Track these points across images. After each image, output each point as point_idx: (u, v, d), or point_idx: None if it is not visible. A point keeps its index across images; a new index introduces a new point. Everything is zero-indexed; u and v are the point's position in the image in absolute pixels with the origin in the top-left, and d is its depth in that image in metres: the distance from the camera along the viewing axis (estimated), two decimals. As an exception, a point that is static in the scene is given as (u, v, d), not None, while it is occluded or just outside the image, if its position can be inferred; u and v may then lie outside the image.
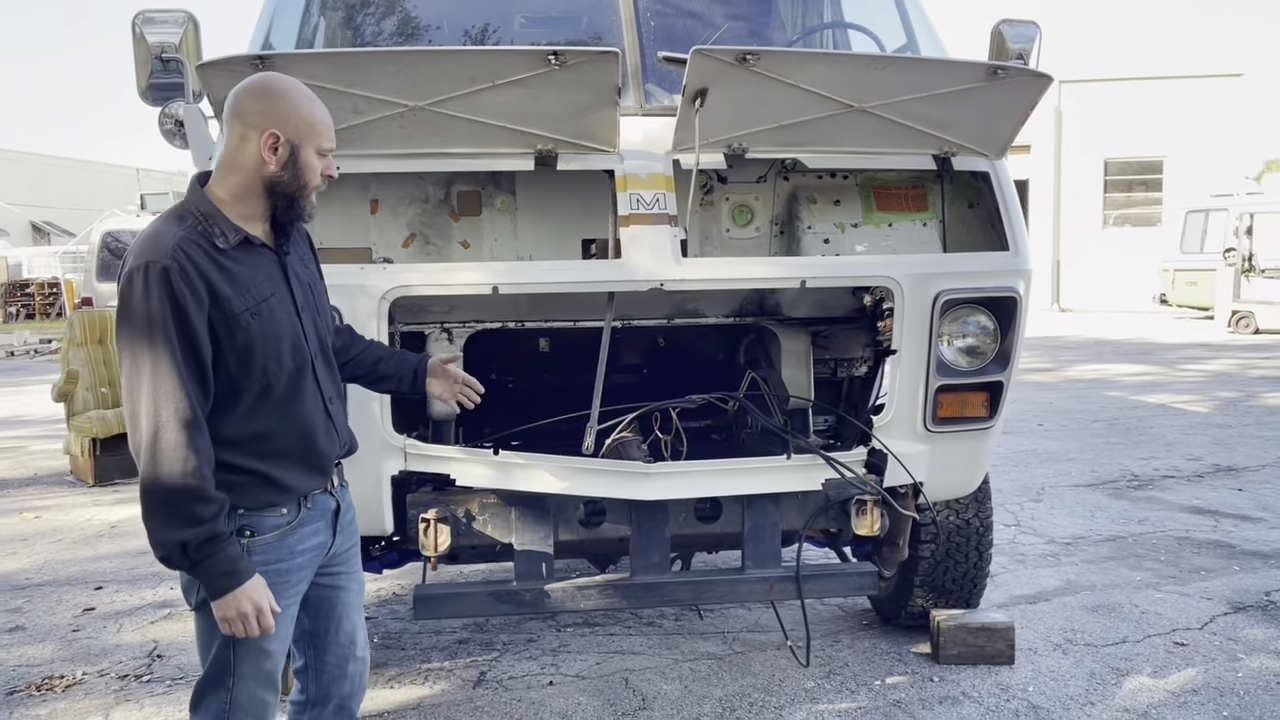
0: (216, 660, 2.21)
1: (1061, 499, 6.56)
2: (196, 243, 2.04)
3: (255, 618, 2.07)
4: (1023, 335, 3.38)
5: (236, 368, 2.08)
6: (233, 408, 2.10)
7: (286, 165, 2.09)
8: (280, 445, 2.17)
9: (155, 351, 1.97)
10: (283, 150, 2.09)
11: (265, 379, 2.12)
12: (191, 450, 1.98)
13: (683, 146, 3.05)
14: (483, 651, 4.14)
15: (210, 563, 2.02)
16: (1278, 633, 4.20)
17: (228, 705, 2.22)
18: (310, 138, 2.11)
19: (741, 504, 3.26)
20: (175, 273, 1.97)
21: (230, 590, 2.04)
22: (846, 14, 4.50)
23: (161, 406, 1.98)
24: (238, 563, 2.05)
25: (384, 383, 2.65)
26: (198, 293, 2.00)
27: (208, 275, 2.02)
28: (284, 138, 2.08)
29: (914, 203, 3.54)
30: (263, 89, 2.11)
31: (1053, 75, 3.06)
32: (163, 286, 1.96)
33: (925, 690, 3.71)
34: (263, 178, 2.10)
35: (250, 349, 2.08)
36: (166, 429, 1.97)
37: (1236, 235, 18.62)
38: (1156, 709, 3.55)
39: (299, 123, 2.10)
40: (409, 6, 4.13)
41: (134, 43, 3.41)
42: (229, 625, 2.07)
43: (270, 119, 2.07)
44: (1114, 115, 24.62)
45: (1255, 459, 7.67)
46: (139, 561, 5.52)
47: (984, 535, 3.94)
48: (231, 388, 2.09)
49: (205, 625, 2.19)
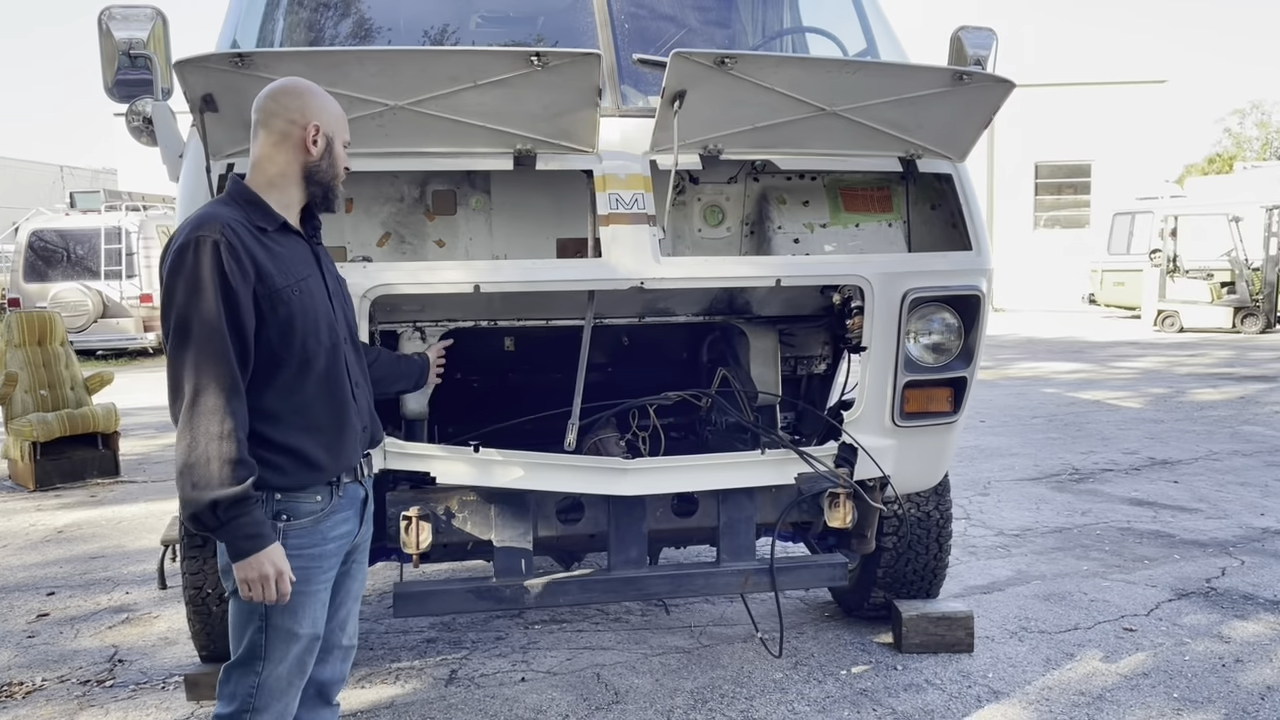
0: (250, 644, 2.30)
1: (1008, 493, 6.75)
2: (243, 223, 2.22)
3: (274, 581, 2.16)
4: (985, 332, 3.49)
5: (278, 340, 2.21)
6: (273, 380, 2.22)
7: (324, 155, 2.31)
8: (316, 420, 2.28)
9: (202, 319, 2.10)
10: (321, 141, 2.29)
11: (305, 352, 2.25)
12: (229, 414, 2.09)
13: (661, 147, 3.10)
14: (452, 650, 4.15)
15: (237, 524, 2.11)
16: (1220, 618, 4.38)
17: (255, 688, 2.30)
18: (340, 130, 2.36)
19: (717, 499, 3.32)
20: (224, 246, 2.12)
21: (254, 552, 2.13)
22: (806, 18, 4.59)
23: (204, 371, 2.09)
24: (262, 527, 2.15)
25: (396, 384, 2.90)
26: (244, 267, 2.14)
27: (253, 252, 2.17)
28: (323, 130, 2.29)
29: (879, 204, 3.63)
30: (300, 88, 2.31)
31: (1015, 81, 3.16)
32: (213, 258, 2.11)
33: (890, 678, 3.81)
34: (303, 166, 2.29)
35: (291, 322, 2.22)
36: (207, 392, 2.08)
37: (1161, 237, 19.23)
38: (1110, 692, 3.68)
39: (332, 117, 2.33)
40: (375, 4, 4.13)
41: (100, 38, 3.37)
42: (249, 587, 2.15)
43: (311, 114, 2.28)
44: (1045, 120, 25.23)
45: (1188, 452, 7.96)
46: (90, 566, 5.42)
47: (944, 527, 4.05)
48: (273, 360, 2.21)
49: (240, 609, 2.30)
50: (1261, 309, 18.16)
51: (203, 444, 2.07)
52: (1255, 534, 5.66)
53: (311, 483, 2.29)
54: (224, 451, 2.07)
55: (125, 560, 5.53)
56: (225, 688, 2.34)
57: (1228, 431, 8.80)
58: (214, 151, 2.92)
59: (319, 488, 2.31)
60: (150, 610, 4.71)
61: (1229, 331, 18.24)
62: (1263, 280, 18.18)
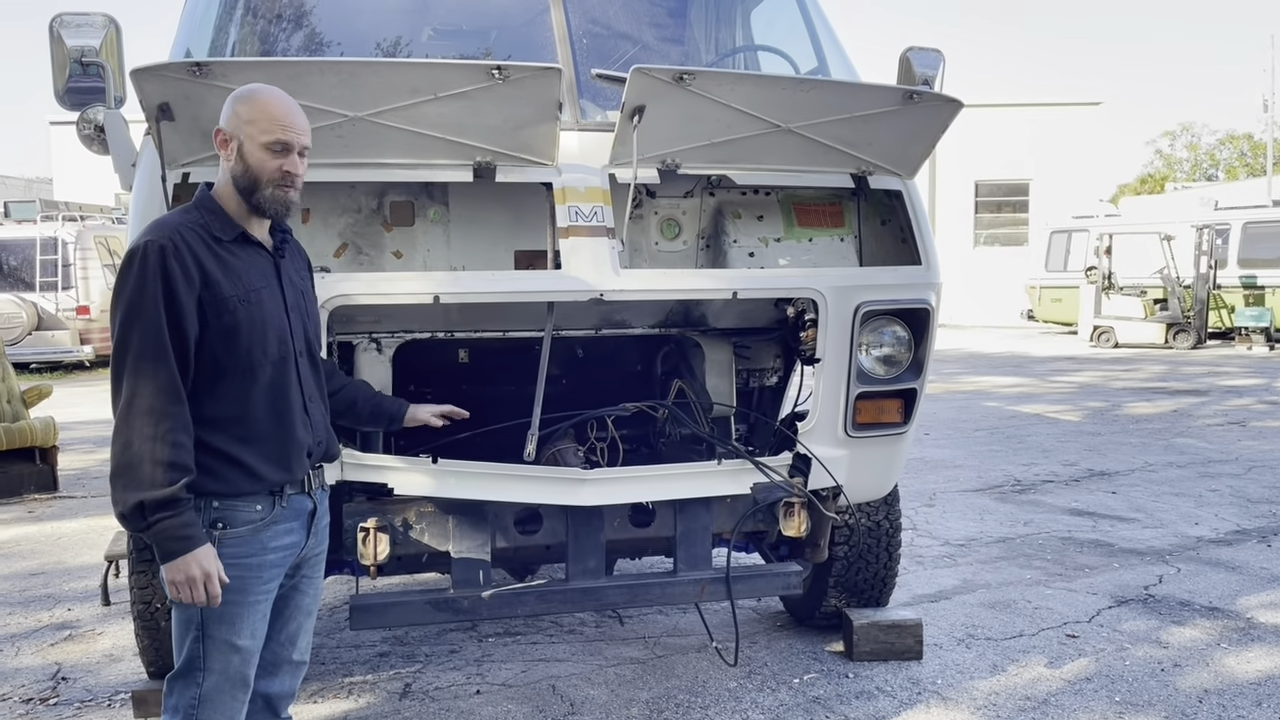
0: (188, 655, 2.28)
1: (952, 503, 6.87)
2: (196, 231, 2.21)
3: (203, 584, 2.14)
4: (934, 345, 3.57)
5: (222, 349, 2.20)
6: (215, 387, 2.22)
7: (238, 159, 2.24)
8: (257, 430, 2.27)
9: (144, 322, 2.11)
10: (233, 146, 2.24)
11: (249, 362, 2.24)
12: (165, 415, 2.10)
13: (620, 161, 3.14)
14: (405, 664, 4.12)
15: (164, 525, 2.10)
16: (1159, 624, 4.51)
17: (197, 700, 2.28)
18: (250, 133, 2.22)
19: (674, 508, 3.36)
20: (170, 251, 2.13)
21: (181, 554, 2.12)
22: (758, 37, 4.66)
23: (142, 374, 2.10)
24: (191, 529, 2.14)
25: (358, 422, 2.90)
26: (189, 272, 2.15)
27: (201, 259, 2.18)
28: (225, 132, 2.25)
29: (831, 219, 3.71)
30: (233, 95, 2.28)
31: (963, 101, 3.25)
32: (158, 262, 2.12)
33: (842, 686, 3.86)
34: (230, 174, 2.26)
35: (236, 332, 2.21)
36: (143, 393, 2.09)
37: (1097, 255, 19.74)
38: (1055, 697, 3.77)
39: (241, 119, 2.23)
40: (327, 15, 4.12)
41: (51, 45, 3.33)
42: (177, 590, 2.14)
43: (224, 119, 2.26)
44: (984, 139, 25.78)
45: (1125, 464, 8.17)
46: (30, 583, 5.30)
47: (893, 536, 4.13)
48: (216, 367, 2.21)
49: (180, 619, 2.28)
50: (1193, 325, 18.71)
51: (136, 445, 2.08)
52: (1190, 543, 5.83)
53: (250, 491, 2.27)
54: (155, 453, 2.07)
55: (66, 577, 5.41)
56: (169, 700, 2.33)
57: (1162, 444, 9.05)
58: (169, 160, 2.90)
59: (259, 497, 2.29)
60: (94, 627, 4.61)
61: (1162, 347, 18.75)
62: (1194, 297, 18.74)
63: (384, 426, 3.02)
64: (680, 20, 4.34)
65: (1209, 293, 18.77)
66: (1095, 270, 19.73)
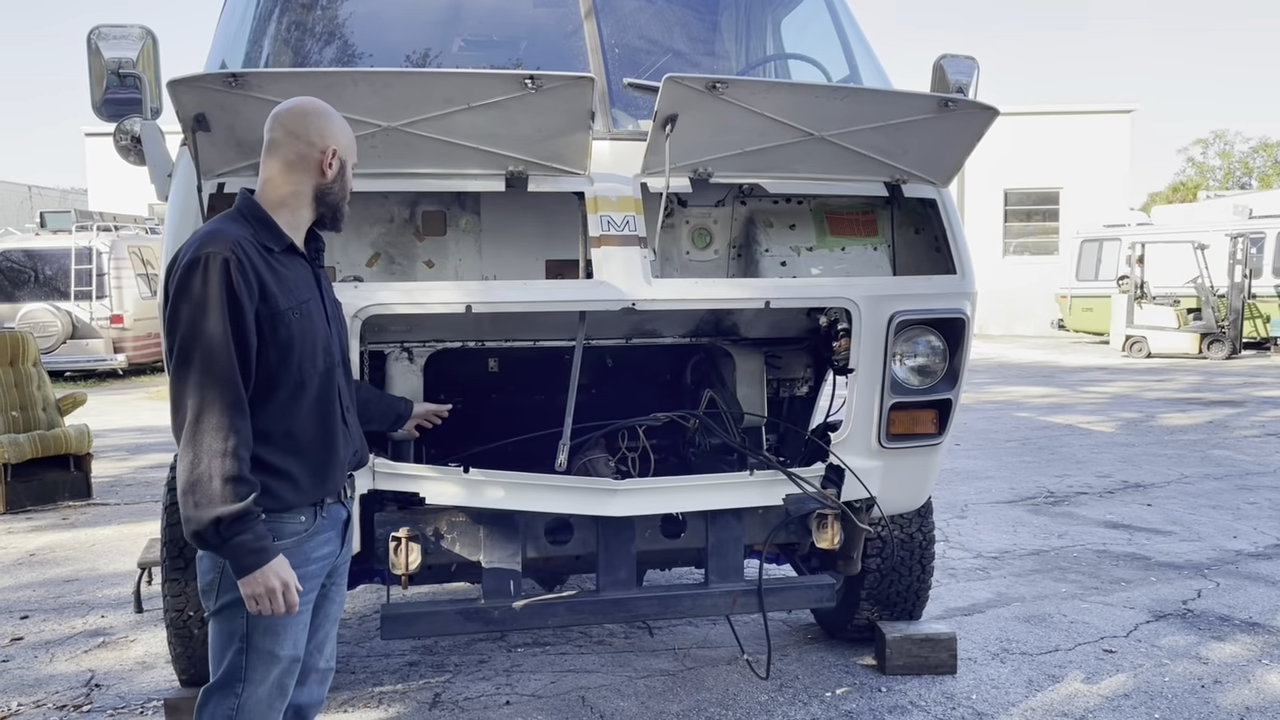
0: (229, 666, 2.27)
1: (985, 515, 6.80)
2: (251, 241, 2.19)
3: (281, 593, 2.14)
4: (969, 355, 3.53)
5: (276, 362, 2.20)
6: (268, 402, 2.21)
7: (338, 178, 2.32)
8: (305, 443, 2.27)
9: (209, 335, 2.09)
10: (336, 164, 2.31)
11: (300, 376, 2.24)
12: (232, 431, 2.09)
13: (652, 170, 3.13)
14: (435, 674, 4.12)
15: (240, 540, 2.09)
16: (1198, 639, 4.43)
17: (235, 710, 2.27)
18: (352, 154, 2.35)
19: (705, 519, 3.33)
20: (233, 264, 2.12)
21: (258, 567, 2.12)
22: (789, 45, 4.65)
23: (208, 387, 2.08)
24: (264, 541, 2.14)
25: (369, 423, 2.86)
26: (250, 285, 2.14)
27: (259, 271, 2.17)
28: (339, 153, 2.28)
29: (865, 227, 3.68)
30: (319, 110, 2.31)
31: (998, 109, 3.22)
32: (221, 275, 2.11)
33: (875, 700, 3.82)
34: (316, 188, 2.30)
35: (290, 345, 2.21)
36: (211, 409, 2.08)
37: (1129, 264, 19.51)
38: (1092, 713, 3.71)
39: (348, 140, 2.35)
40: (359, 28, 4.14)
41: (89, 57, 3.36)
42: (256, 602, 2.13)
43: (329, 137, 2.29)
44: (1014, 147, 25.59)
45: (1160, 476, 8.05)
46: (64, 590, 5.34)
47: (926, 549, 4.08)
48: (270, 381, 2.20)
49: (221, 630, 2.27)
50: (1227, 335, 18.45)
51: (205, 461, 2.06)
52: (1229, 556, 5.73)
53: (296, 504, 2.28)
54: (226, 469, 2.06)
55: (100, 584, 5.45)
56: (204, 711, 2.32)
57: (1198, 455, 8.92)
58: (205, 171, 2.92)
59: (303, 509, 2.30)
60: (127, 634, 4.64)
61: (1195, 357, 18.50)
62: (1228, 306, 18.49)
63: (393, 426, 3.06)
64: (711, 29, 4.33)
65: (1244, 302, 18.51)
66: (1127, 279, 19.50)
